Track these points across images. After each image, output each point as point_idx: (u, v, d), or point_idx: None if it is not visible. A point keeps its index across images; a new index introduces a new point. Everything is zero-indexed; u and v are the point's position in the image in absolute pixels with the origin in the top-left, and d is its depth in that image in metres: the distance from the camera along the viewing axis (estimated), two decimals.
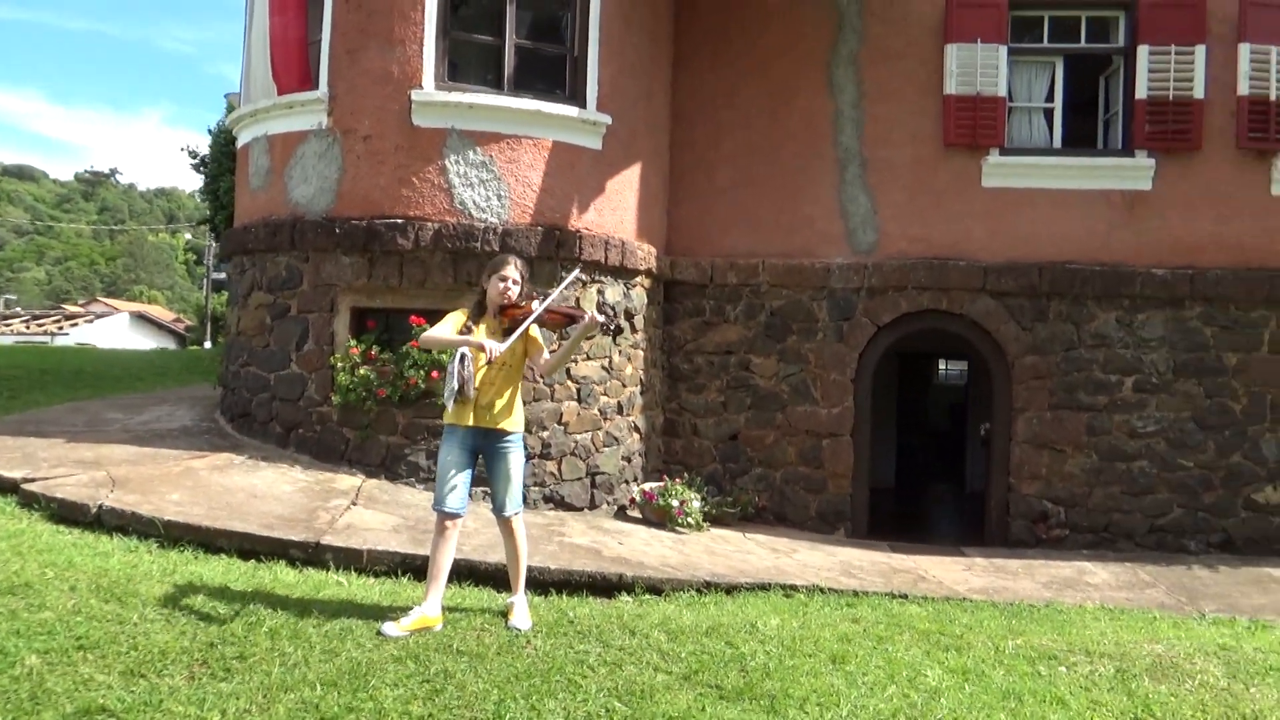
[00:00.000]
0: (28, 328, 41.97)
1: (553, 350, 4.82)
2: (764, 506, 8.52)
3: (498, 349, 4.31)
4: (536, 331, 4.59)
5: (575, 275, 5.21)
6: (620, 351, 7.92)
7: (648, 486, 7.74)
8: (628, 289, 8.01)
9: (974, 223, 8.61)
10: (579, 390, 7.59)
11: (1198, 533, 8.29)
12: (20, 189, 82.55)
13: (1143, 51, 8.42)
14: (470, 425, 4.45)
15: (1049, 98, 8.84)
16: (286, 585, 4.86)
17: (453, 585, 5.03)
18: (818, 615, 5.39)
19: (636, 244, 8.05)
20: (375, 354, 7.13)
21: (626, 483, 7.97)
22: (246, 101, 8.40)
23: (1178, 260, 8.41)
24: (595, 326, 4.47)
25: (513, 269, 4.57)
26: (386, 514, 6.23)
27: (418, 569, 5.20)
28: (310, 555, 5.37)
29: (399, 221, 7.19)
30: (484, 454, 4.54)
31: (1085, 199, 8.54)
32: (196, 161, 16.62)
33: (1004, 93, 8.53)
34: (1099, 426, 8.38)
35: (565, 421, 7.50)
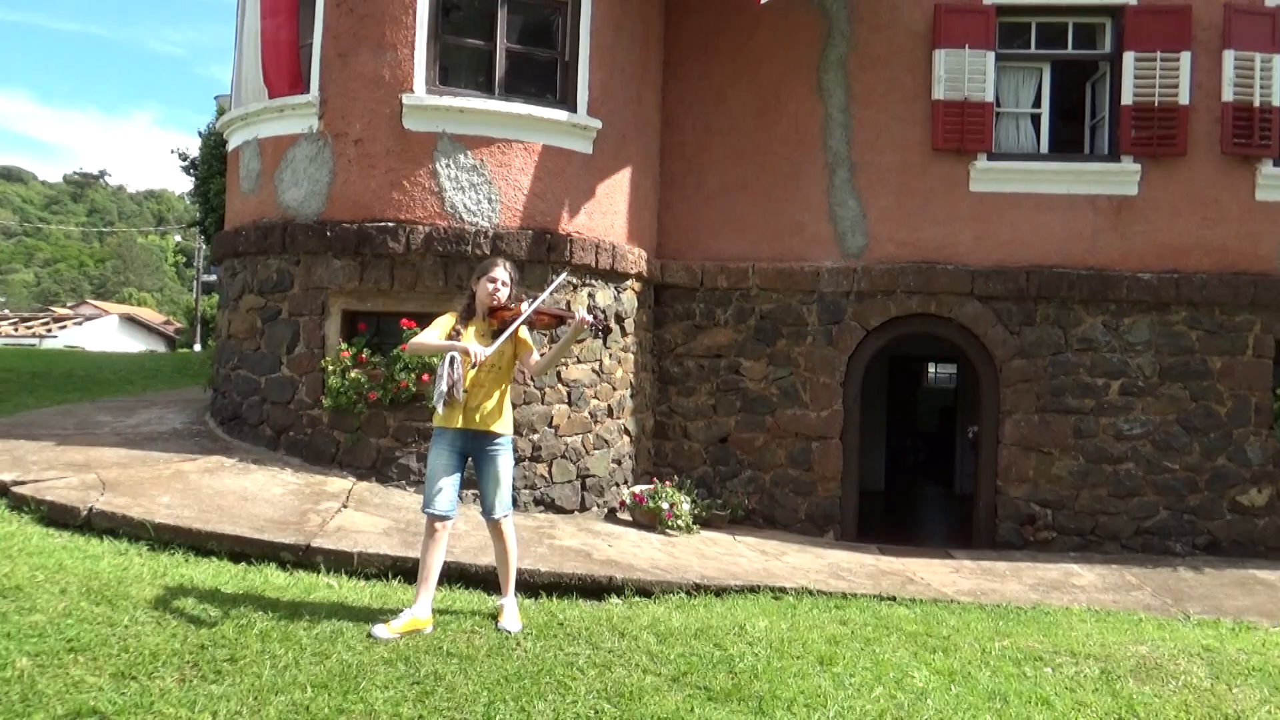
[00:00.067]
0: (16, 330, 41.78)
1: (542, 352, 4.84)
2: (754, 509, 8.57)
3: (483, 353, 4.33)
4: (526, 333, 4.61)
5: (563, 278, 5.23)
6: (611, 355, 7.95)
7: (638, 489, 7.77)
8: (618, 292, 8.04)
9: (962, 227, 8.67)
10: (570, 393, 7.61)
11: (1183, 535, 8.37)
12: (8, 191, 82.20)
13: (1129, 58, 8.51)
14: (459, 427, 4.46)
15: (1036, 103, 8.90)
16: (277, 588, 4.88)
17: (443, 588, 5.06)
18: (806, 617, 5.42)
19: (627, 247, 8.08)
20: (366, 357, 7.15)
21: (617, 485, 8.00)
22: (237, 104, 8.40)
23: (1163, 265, 8.49)
24: (585, 327, 4.48)
25: (502, 270, 4.59)
26: (377, 517, 6.24)
27: (408, 571, 5.22)
28: (301, 558, 5.38)
29: (390, 225, 7.21)
30: (473, 456, 4.56)
31: (1072, 204, 8.61)
32: (187, 164, 16.60)
33: (991, 98, 8.60)
34: (1086, 429, 8.45)
35: (556, 424, 7.52)
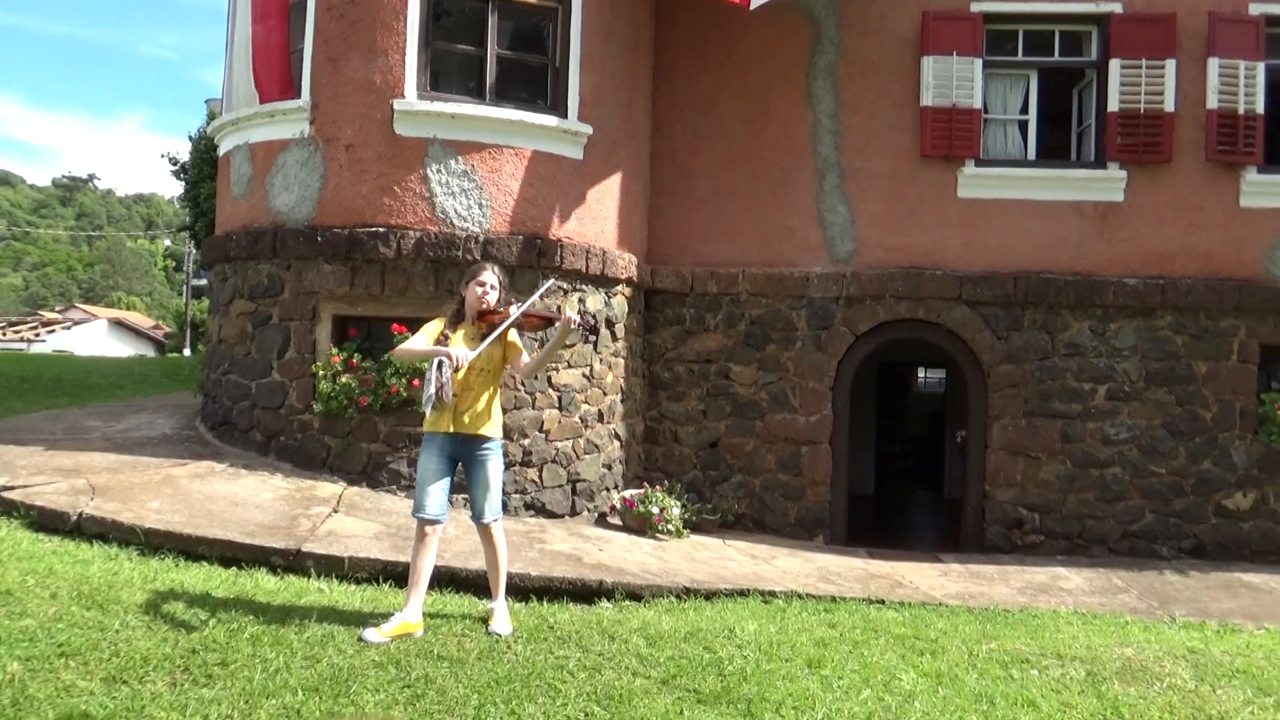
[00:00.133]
0: (4, 334, 41.54)
1: (532, 355, 4.87)
2: (744, 513, 8.59)
3: (468, 356, 4.36)
4: (515, 336, 4.64)
5: (551, 284, 5.28)
6: (601, 359, 7.98)
7: (628, 493, 7.79)
8: (609, 297, 8.07)
9: (950, 233, 8.73)
10: (560, 398, 7.63)
11: (1169, 538, 8.43)
12: None
13: (1114, 65, 8.59)
14: (449, 431, 4.48)
15: (1024, 110, 8.97)
16: (268, 592, 4.89)
17: (434, 592, 5.07)
18: (795, 620, 5.45)
19: (617, 253, 8.11)
20: (357, 362, 7.16)
21: (607, 490, 8.02)
22: (228, 109, 8.40)
23: (1149, 270, 8.56)
24: (572, 328, 4.50)
25: (490, 275, 4.62)
26: (368, 521, 6.25)
27: (399, 576, 5.23)
28: (292, 562, 5.39)
29: (381, 230, 7.23)
30: (463, 460, 4.58)
31: (1059, 210, 8.68)
32: (177, 168, 16.59)
33: (979, 105, 8.66)
34: (1073, 434, 8.51)
35: (546, 429, 7.54)
